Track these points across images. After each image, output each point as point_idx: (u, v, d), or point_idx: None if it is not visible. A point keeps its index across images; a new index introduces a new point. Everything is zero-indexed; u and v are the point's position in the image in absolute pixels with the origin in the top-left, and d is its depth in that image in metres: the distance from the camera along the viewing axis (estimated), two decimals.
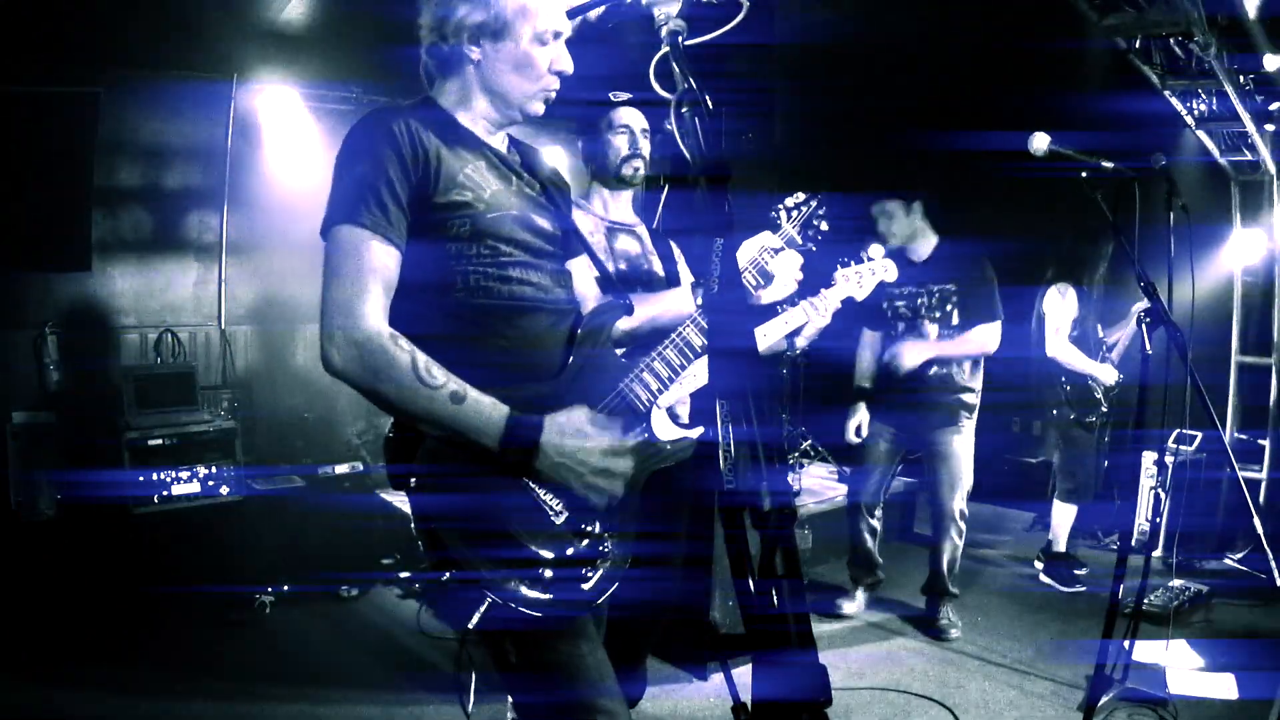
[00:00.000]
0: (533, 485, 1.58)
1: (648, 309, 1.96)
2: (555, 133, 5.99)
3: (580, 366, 1.68)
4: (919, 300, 3.90)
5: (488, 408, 1.51)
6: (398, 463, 1.57)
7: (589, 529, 1.61)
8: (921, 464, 4.16)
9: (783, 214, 2.15)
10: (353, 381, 1.50)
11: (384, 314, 1.51)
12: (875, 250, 2.44)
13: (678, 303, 2.18)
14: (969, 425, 4.01)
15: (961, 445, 3.97)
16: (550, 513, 1.58)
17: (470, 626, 1.54)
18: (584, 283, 1.89)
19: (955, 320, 3.88)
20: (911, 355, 3.83)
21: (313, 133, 5.50)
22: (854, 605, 4.27)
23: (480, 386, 1.51)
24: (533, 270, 1.66)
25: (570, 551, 1.58)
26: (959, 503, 3.99)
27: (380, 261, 1.52)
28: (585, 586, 1.59)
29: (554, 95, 1.72)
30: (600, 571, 1.62)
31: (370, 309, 1.49)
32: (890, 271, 2.50)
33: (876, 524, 4.24)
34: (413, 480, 1.54)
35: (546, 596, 1.53)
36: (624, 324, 1.91)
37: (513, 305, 1.63)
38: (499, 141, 1.75)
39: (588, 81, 2.02)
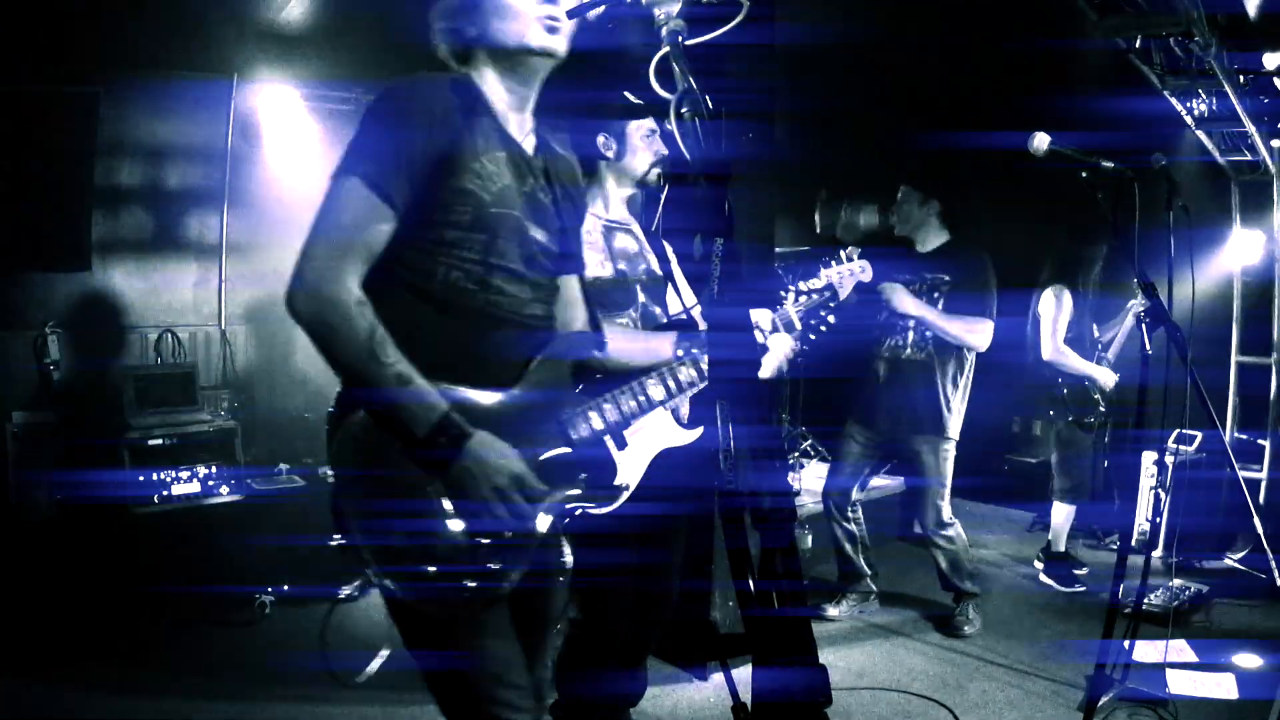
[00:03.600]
0: (438, 484, 1.56)
1: (623, 348, 1.91)
2: (549, 133, 5.98)
3: (527, 389, 1.67)
4: (911, 288, 3.92)
5: (429, 400, 1.52)
6: (332, 438, 1.59)
7: (482, 538, 1.58)
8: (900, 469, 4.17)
9: (791, 295, 2.09)
10: (308, 330, 1.52)
11: (359, 278, 1.52)
12: (853, 251, 2.47)
13: (657, 348, 2.11)
14: (947, 446, 3.99)
15: (935, 457, 3.97)
16: (446, 516, 1.56)
17: (340, 597, 1.58)
18: (572, 304, 1.86)
19: (940, 309, 3.92)
20: (900, 299, 3.84)
21: (313, 133, 5.50)
22: (836, 610, 4.19)
23: (425, 377, 1.52)
24: (515, 281, 1.65)
25: (460, 555, 1.57)
26: (934, 512, 3.99)
27: (375, 226, 1.52)
28: (472, 586, 1.57)
29: (557, 24, 1.61)
30: (495, 572, 1.60)
31: (348, 269, 1.51)
32: (867, 272, 2.53)
33: (853, 527, 4.15)
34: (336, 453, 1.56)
35: (432, 591, 1.55)
36: (597, 357, 1.88)
37: (484, 313, 1.62)
38: (526, 138, 1.73)
39: (588, 82, 2.01)
